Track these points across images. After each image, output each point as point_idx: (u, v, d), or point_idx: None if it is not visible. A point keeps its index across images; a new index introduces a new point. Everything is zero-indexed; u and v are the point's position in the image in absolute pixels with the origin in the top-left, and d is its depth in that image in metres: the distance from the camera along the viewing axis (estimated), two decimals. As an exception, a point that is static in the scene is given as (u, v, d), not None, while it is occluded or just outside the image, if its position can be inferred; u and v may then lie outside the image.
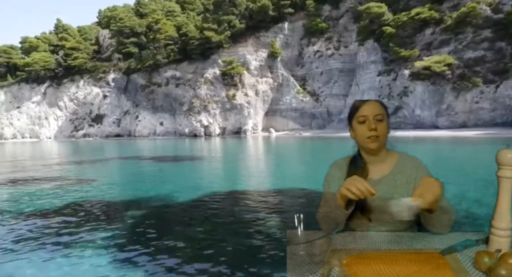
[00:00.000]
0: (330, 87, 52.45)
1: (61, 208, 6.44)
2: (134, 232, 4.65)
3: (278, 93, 57.31)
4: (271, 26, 60.11)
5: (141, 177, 11.33)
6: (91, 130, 66.21)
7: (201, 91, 57.69)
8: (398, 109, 39.86)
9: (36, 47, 71.08)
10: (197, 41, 58.02)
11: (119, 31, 64.41)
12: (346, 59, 51.66)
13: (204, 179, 10.13)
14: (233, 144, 32.86)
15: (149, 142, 42.65)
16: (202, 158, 17.72)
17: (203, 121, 56.64)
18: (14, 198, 7.81)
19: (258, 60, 59.54)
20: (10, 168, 14.98)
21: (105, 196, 7.57)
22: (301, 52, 59.03)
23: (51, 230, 4.88)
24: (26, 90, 68.58)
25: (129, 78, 66.70)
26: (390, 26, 41.97)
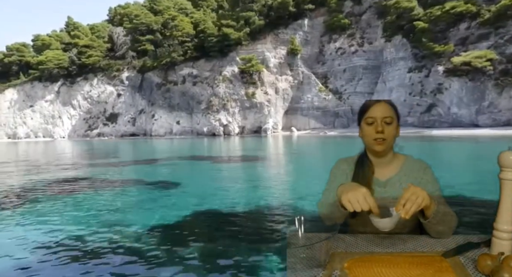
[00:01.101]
0: (353, 85, 50.99)
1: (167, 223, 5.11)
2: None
3: (298, 91, 55.90)
4: (290, 22, 58.72)
5: (222, 180, 9.99)
6: (105, 129, 65.02)
7: (219, 89, 56.37)
8: (432, 107, 38.38)
9: (48, 45, 70.02)
10: (215, 38, 56.69)
11: (135, 28, 63.20)
12: (371, 56, 50.18)
13: (266, 180, 8.77)
14: (261, 143, 31.50)
15: (170, 142, 41.34)
16: (254, 158, 16.36)
17: (222, 120, 55.31)
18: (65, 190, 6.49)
19: (277, 57, 58.17)
20: (55, 168, 13.69)
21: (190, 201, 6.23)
22: (322, 49, 57.57)
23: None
24: (39, 89, 67.48)
25: (143, 76, 65.46)
26: (421, 21, 40.46)
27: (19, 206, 6.43)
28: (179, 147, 28.78)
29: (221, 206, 5.88)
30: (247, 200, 6.56)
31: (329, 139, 33.04)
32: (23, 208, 6.28)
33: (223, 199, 6.56)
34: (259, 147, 25.98)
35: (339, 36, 55.38)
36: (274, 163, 14.51)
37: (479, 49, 35.08)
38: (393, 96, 43.41)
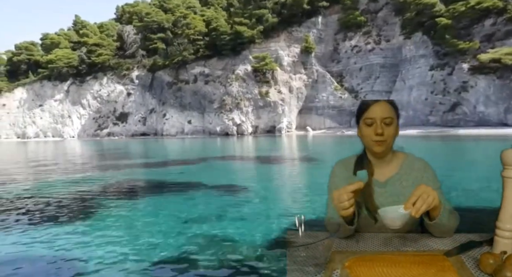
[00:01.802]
0: (370, 83, 49.97)
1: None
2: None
3: (313, 90, 54.93)
4: (304, 20, 57.75)
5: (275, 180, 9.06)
6: (115, 128, 64.27)
7: (232, 88, 55.47)
8: (456, 106, 37.34)
9: (57, 43, 69.33)
10: (228, 36, 55.79)
11: (146, 26, 62.39)
12: (388, 53, 49.14)
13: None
14: (284, 143, 30.58)
15: (185, 141, 40.47)
16: (301, 159, 15.43)
17: (236, 120, 54.42)
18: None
19: (290, 55, 57.21)
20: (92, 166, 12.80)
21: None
22: (336, 47, 56.56)
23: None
24: (48, 88, 66.79)
25: (154, 75, 64.67)
26: (443, 17, 39.41)
27: (84, 212, 5.54)
28: (202, 146, 27.89)
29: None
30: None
31: (348, 139, 32.06)
32: (90, 213, 5.39)
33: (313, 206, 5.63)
34: (285, 146, 25.06)
35: (354, 34, 54.37)
36: (324, 163, 13.58)
37: (507, 46, 34.02)
38: (414, 94, 42.43)
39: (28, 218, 5.38)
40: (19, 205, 6.40)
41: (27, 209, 6.00)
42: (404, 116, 43.52)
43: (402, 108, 43.89)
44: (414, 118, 42.08)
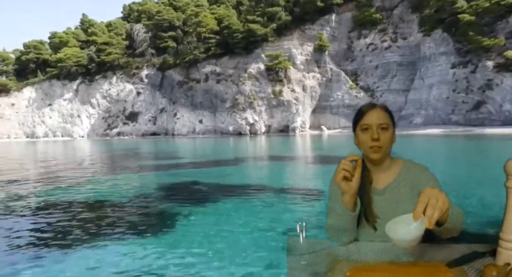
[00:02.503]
0: (387, 82, 49.05)
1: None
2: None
3: (326, 88, 54.05)
4: (317, 18, 56.91)
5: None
6: (125, 128, 63.55)
7: (245, 87, 54.66)
8: (481, 104, 36.41)
9: (66, 42, 68.62)
10: (240, 34, 54.97)
11: (156, 24, 61.63)
12: (406, 51, 48.23)
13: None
14: (304, 142, 29.76)
15: (199, 141, 39.65)
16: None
17: (249, 119, 53.60)
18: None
19: (303, 54, 56.37)
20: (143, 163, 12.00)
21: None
22: (350, 45, 55.66)
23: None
24: (57, 87, 66.15)
25: (164, 74, 63.91)
26: (466, 13, 38.49)
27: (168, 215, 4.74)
28: (227, 146, 27.09)
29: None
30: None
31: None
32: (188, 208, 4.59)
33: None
34: (309, 146, 24.24)
35: (369, 32, 53.46)
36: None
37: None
38: (434, 93, 41.53)
39: (92, 229, 4.60)
40: (80, 215, 5.60)
41: (88, 219, 5.21)
42: (424, 115, 42.69)
43: (421, 107, 43.06)
44: (434, 117, 41.18)
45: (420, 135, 33.78)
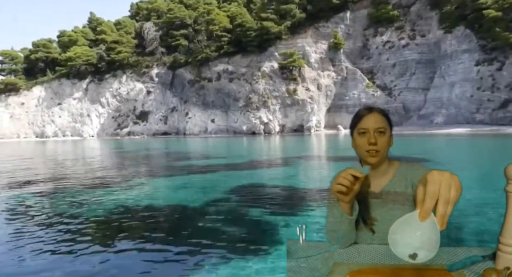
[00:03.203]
0: (405, 80, 47.99)
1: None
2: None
3: (342, 87, 53.04)
4: (331, 15, 55.87)
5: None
6: (136, 128, 62.74)
7: (259, 86, 53.70)
8: (508, 103, 35.33)
9: (75, 41, 67.86)
10: (254, 32, 54.01)
11: (169, 22, 60.76)
12: (424, 49, 47.18)
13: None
14: (328, 142, 28.77)
15: (215, 140, 38.71)
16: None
17: (263, 118, 52.65)
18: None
19: (318, 52, 55.36)
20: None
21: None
22: (366, 43, 54.62)
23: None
24: (67, 86, 65.40)
25: (174, 73, 63.06)
26: (492, 9, 37.39)
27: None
28: (258, 145, 26.16)
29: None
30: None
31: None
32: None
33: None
34: (335, 146, 23.27)
35: (385, 29, 52.41)
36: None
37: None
38: (456, 91, 40.45)
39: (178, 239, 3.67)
40: (146, 225, 4.68)
41: (167, 230, 4.28)
42: (445, 114, 41.62)
43: (442, 105, 41.99)
44: (457, 116, 40.10)
45: (442, 134, 32.74)
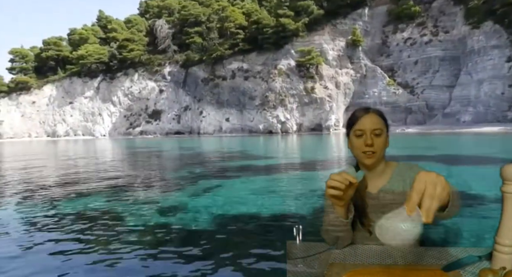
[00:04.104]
0: (428, 77, 46.63)
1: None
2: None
3: (361, 85, 51.75)
4: (349, 12, 54.64)
5: None
6: (148, 127, 61.72)
7: (275, 84, 52.51)
8: (543, 100, 33.89)
9: (86, 39, 67.04)
10: (271, 29, 52.82)
11: (183, 19, 59.68)
12: (448, 45, 45.81)
13: None
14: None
15: (236, 140, 37.47)
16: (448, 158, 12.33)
17: (280, 117, 51.44)
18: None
19: (335, 49, 54.12)
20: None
21: None
22: (385, 40, 53.33)
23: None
24: (78, 85, 64.50)
25: (187, 71, 61.99)
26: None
27: None
28: (290, 145, 24.93)
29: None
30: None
31: (413, 138, 28.71)
32: None
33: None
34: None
35: (406, 26, 51.10)
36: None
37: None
38: (485, 89, 39.08)
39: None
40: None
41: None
42: (472, 112, 40.26)
43: (469, 103, 40.64)
44: (486, 114, 38.71)
45: (471, 133, 31.37)
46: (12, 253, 3.07)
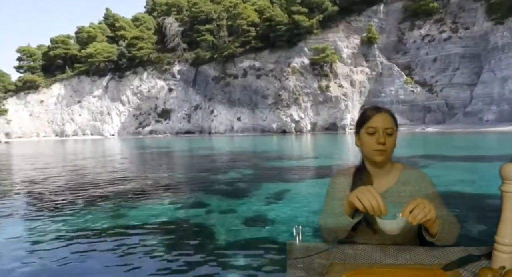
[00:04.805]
0: (448, 75, 45.36)
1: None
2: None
3: (377, 83, 50.55)
4: (363, 8, 53.45)
5: None
6: (158, 126, 60.71)
7: (289, 82, 51.37)
8: None
9: (94, 37, 66.02)
10: (284, 26, 51.66)
11: (193, 17, 58.62)
12: (469, 42, 44.55)
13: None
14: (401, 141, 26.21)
15: (247, 140, 36.31)
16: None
17: (294, 116, 50.29)
18: None
19: (350, 47, 52.95)
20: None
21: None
22: (402, 37, 52.11)
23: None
24: (86, 84, 63.56)
25: (197, 70, 60.93)
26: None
27: None
28: (317, 144, 23.79)
29: None
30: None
31: (436, 137, 27.45)
32: None
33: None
34: (415, 145, 20.82)
35: (423, 22, 49.86)
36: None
37: None
38: (510, 86, 37.82)
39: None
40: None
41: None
42: (496, 111, 39.02)
43: (493, 102, 39.39)
44: (511, 113, 37.42)
45: (495, 132, 30.12)
46: (28, 249, 3.09)
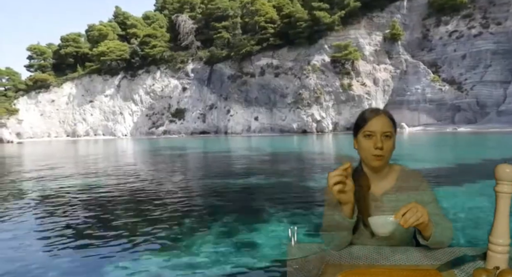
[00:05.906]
0: (479, 73, 43.38)
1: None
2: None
3: (401, 81, 48.62)
4: (386, 4, 51.54)
5: None
6: (172, 126, 59.04)
7: (310, 80, 49.52)
8: None
9: (105, 35, 64.47)
10: (304, 23, 49.85)
11: (209, 14, 56.94)
12: (501, 38, 42.58)
13: None
14: (409, 143, 24.46)
15: (270, 140, 34.46)
16: None
17: (315, 115, 48.46)
18: None
19: (372, 44, 51.04)
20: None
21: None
22: (427, 33, 50.14)
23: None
24: (98, 83, 62.01)
25: (212, 68, 59.23)
26: None
27: None
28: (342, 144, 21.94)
29: None
30: None
31: (469, 138, 25.51)
32: None
33: None
34: (435, 145, 19.00)
35: (450, 18, 47.90)
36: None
37: None
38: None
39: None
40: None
41: None
42: (533, 110, 37.01)
43: (530, 100, 37.33)
44: (551, 112, 35.47)
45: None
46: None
